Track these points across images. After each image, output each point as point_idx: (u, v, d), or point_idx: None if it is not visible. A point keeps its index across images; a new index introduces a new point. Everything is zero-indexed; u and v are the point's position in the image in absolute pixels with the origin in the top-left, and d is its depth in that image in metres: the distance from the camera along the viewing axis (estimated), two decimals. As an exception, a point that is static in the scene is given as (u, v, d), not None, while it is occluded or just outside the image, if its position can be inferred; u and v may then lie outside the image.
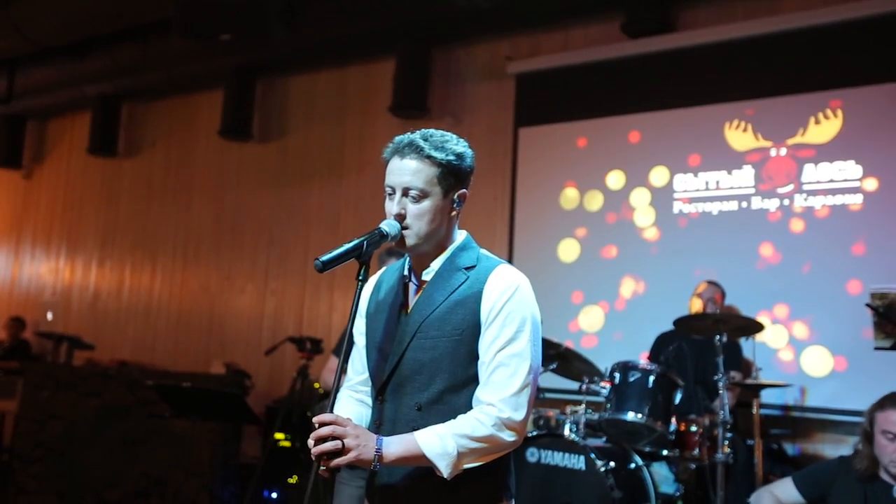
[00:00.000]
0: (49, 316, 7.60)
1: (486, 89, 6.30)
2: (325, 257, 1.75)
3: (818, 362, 4.75)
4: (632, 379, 4.04)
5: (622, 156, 5.57)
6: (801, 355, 4.81)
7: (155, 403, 4.19)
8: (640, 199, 5.48)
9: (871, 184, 4.74)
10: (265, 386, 6.66)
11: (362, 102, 6.90)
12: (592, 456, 3.91)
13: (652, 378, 4.01)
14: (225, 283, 7.53)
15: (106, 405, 5.48)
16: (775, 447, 4.69)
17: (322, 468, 1.73)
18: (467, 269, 1.88)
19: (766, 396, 4.70)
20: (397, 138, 1.87)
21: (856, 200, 4.77)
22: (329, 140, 7.06)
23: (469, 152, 1.90)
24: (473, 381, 1.83)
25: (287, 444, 5.55)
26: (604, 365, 4.32)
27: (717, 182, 5.21)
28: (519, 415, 1.78)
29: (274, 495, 5.50)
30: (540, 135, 5.93)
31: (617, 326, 5.42)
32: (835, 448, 4.61)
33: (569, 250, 5.68)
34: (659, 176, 5.43)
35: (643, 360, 4.37)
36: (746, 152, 5.13)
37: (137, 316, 8.08)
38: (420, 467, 1.80)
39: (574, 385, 4.37)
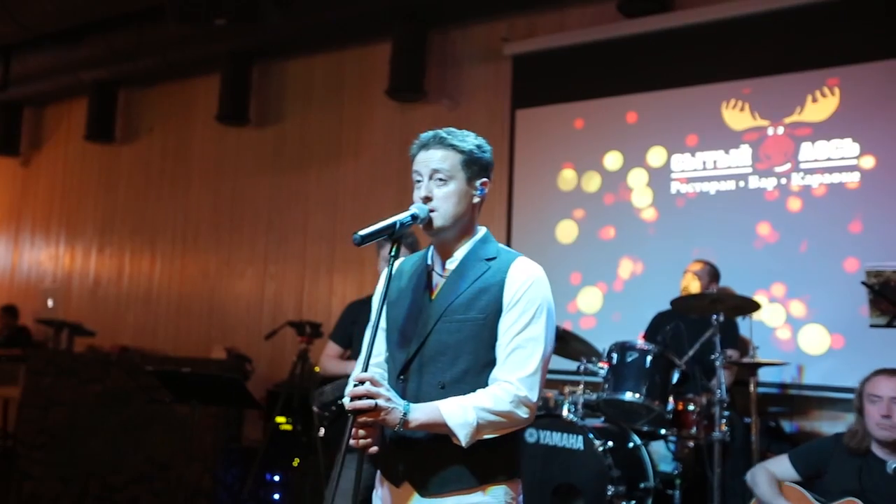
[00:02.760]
0: (49, 303, 7.63)
1: (482, 71, 6.27)
2: (363, 232, 1.91)
3: (815, 340, 4.78)
4: (629, 359, 4.06)
5: (619, 136, 5.57)
6: (798, 333, 4.83)
7: (156, 389, 4.21)
8: (637, 179, 5.47)
9: (868, 161, 4.74)
10: (266, 370, 6.69)
11: (359, 86, 6.88)
12: (591, 436, 3.95)
13: (649, 358, 4.03)
14: (224, 269, 7.54)
15: (108, 391, 5.52)
16: (773, 425, 4.72)
17: (363, 439, 1.84)
18: (488, 259, 2.02)
19: (764, 375, 4.73)
20: (421, 136, 2.08)
21: (853, 178, 4.77)
22: (326, 124, 7.05)
23: (488, 147, 2.08)
24: (494, 363, 1.96)
25: (288, 427, 5.59)
26: (602, 345, 4.34)
27: (715, 162, 5.21)
28: (533, 394, 1.91)
29: (276, 478, 5.55)
30: (537, 116, 5.92)
31: (615, 307, 5.44)
32: (832, 425, 4.64)
33: (567, 232, 5.69)
34: (656, 156, 5.42)
35: (641, 341, 4.39)
36: (744, 131, 5.12)
37: (138, 302, 8.11)
38: (442, 443, 1.89)
39: (572, 366, 4.39)
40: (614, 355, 4.12)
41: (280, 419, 5.54)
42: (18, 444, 5.78)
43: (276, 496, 5.50)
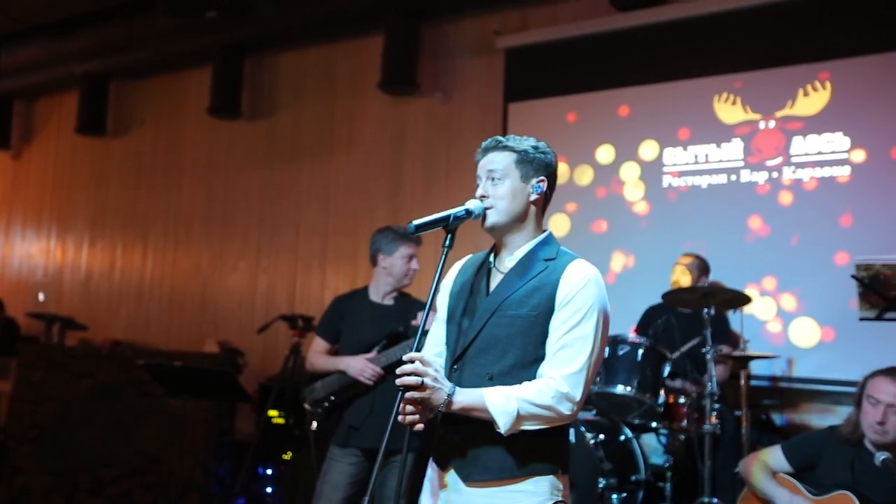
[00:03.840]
0: (41, 297, 7.60)
1: (475, 64, 6.26)
2: (417, 221, 2.03)
3: (806, 333, 4.79)
4: (621, 352, 4.08)
5: (612, 130, 5.57)
6: (788, 327, 4.84)
7: (148, 383, 4.21)
8: (629, 173, 5.48)
9: (858, 155, 4.75)
10: (258, 364, 6.68)
11: (351, 79, 6.86)
12: (582, 429, 3.97)
13: (641, 351, 4.05)
14: (217, 262, 7.53)
15: (99, 385, 5.50)
16: (763, 417, 4.74)
17: (410, 415, 1.93)
18: (547, 260, 2.08)
19: (755, 368, 4.76)
20: (484, 142, 2.15)
21: (843, 172, 4.78)
22: (318, 117, 7.03)
23: (548, 150, 2.14)
24: (542, 359, 2.02)
25: (281, 421, 5.59)
26: (593, 339, 4.34)
27: (707, 155, 5.22)
28: (577, 392, 1.96)
29: (269, 472, 5.55)
30: (529, 110, 5.91)
31: (607, 300, 5.44)
32: (822, 418, 4.67)
33: (559, 225, 5.69)
34: (648, 150, 5.43)
35: (632, 334, 4.40)
36: (735, 125, 5.13)
37: (130, 296, 8.08)
38: (487, 432, 1.96)
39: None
40: (606, 348, 4.12)
41: (272, 413, 5.53)
42: (9, 439, 5.76)
43: (269, 489, 5.51)
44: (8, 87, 8.63)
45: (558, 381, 1.95)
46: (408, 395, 1.92)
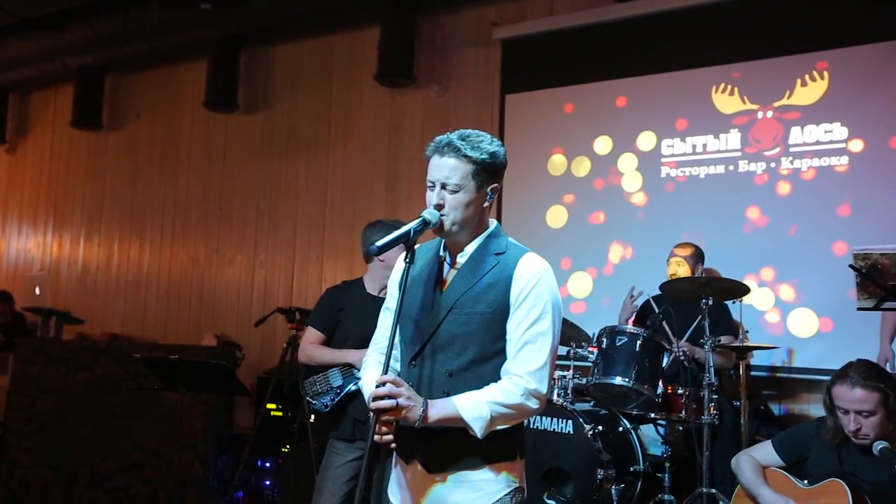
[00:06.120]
0: (37, 291, 7.58)
1: (472, 56, 6.24)
2: (379, 243, 2.04)
3: (804, 324, 4.79)
4: (619, 343, 4.06)
5: (609, 121, 5.55)
6: (787, 317, 4.84)
7: (146, 376, 4.21)
8: (627, 164, 5.47)
9: (856, 145, 4.74)
10: (256, 357, 6.67)
11: (348, 71, 6.84)
12: (580, 420, 3.96)
13: (639, 342, 4.03)
14: (214, 255, 7.51)
15: (97, 379, 5.50)
16: (762, 408, 4.74)
17: (385, 435, 1.96)
18: (497, 254, 2.11)
19: (753, 358, 4.75)
20: (438, 138, 2.11)
21: (842, 162, 4.77)
22: (315, 109, 7.01)
23: (502, 151, 2.12)
24: (498, 354, 2.07)
25: (279, 413, 5.59)
26: (592, 330, 4.35)
27: (705, 146, 5.20)
28: (543, 386, 2.03)
29: (267, 464, 5.55)
30: (526, 101, 5.89)
31: (605, 292, 5.44)
32: (820, 407, 4.60)
33: (557, 216, 5.68)
34: (646, 140, 5.41)
35: (630, 325, 4.39)
36: (733, 115, 5.11)
37: (127, 289, 8.06)
38: (454, 428, 2.00)
39: (562, 350, 4.39)
40: (604, 340, 4.12)
41: (270, 406, 5.53)
42: (7, 433, 5.77)
43: (267, 482, 5.51)
44: (2, 81, 8.59)
45: (525, 378, 2.00)
46: (384, 417, 1.94)
